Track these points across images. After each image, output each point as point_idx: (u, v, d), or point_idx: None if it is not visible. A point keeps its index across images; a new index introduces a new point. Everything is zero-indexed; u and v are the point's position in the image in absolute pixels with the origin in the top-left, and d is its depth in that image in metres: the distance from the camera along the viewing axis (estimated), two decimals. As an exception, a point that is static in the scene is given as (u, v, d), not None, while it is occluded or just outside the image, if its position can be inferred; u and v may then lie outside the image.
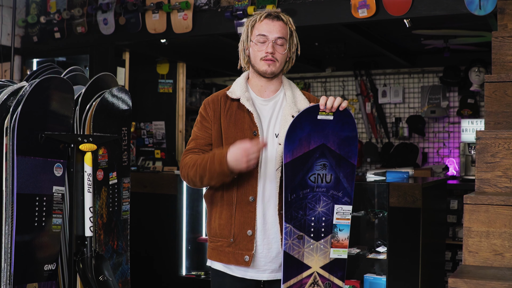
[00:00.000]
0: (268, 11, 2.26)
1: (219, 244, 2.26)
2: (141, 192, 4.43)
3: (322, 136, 2.13)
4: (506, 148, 2.45)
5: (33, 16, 4.95)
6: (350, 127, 2.14)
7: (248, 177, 2.20)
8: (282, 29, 2.24)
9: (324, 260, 2.16)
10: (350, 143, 2.15)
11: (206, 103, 2.31)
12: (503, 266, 2.23)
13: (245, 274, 2.24)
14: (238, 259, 2.21)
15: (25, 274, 2.39)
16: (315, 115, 2.12)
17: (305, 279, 2.14)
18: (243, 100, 2.24)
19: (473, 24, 4.59)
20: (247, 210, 2.20)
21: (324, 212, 2.16)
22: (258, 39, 2.24)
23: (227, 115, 2.26)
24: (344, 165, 2.15)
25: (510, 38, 2.88)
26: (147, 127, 6.11)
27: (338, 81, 6.76)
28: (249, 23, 2.28)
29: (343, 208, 2.18)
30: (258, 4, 4.08)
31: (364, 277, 3.65)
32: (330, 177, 2.15)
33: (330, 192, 2.16)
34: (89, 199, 2.60)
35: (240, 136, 2.20)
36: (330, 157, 2.14)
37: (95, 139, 2.63)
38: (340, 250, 2.18)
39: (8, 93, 2.49)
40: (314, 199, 2.14)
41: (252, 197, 2.20)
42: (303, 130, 2.11)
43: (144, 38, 4.62)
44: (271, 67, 2.24)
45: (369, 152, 6.43)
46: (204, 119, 2.29)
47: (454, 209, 5.51)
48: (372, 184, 3.85)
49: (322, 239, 2.16)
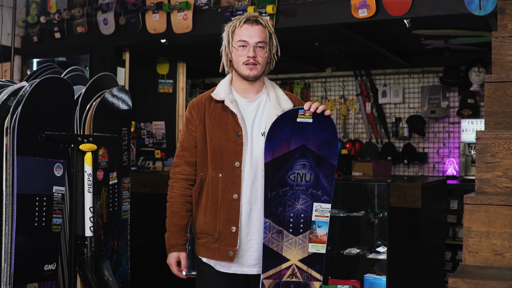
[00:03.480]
0: (247, 16, 2.38)
1: (205, 240, 2.37)
2: (141, 192, 4.43)
3: (302, 137, 2.26)
4: (506, 148, 2.45)
5: (33, 16, 4.94)
6: (329, 129, 2.28)
7: (232, 176, 2.32)
8: (261, 33, 2.35)
9: (303, 254, 2.29)
10: (330, 144, 2.28)
11: (191, 106, 2.43)
12: (503, 266, 2.24)
13: (229, 269, 2.36)
14: (223, 255, 2.32)
15: (25, 274, 2.39)
16: (294, 118, 2.26)
17: (284, 270, 2.28)
18: (227, 102, 2.35)
19: (473, 24, 4.59)
20: (232, 208, 2.31)
21: (303, 209, 2.28)
22: (239, 44, 2.35)
23: (211, 116, 2.36)
24: (324, 165, 2.27)
25: (510, 38, 2.88)
26: (147, 127, 6.11)
27: (338, 81, 6.76)
28: (229, 29, 2.39)
29: (322, 206, 2.29)
30: (258, 4, 4.08)
31: (364, 277, 3.65)
32: (309, 176, 2.27)
33: (309, 190, 2.28)
34: (89, 199, 2.60)
35: (224, 137, 2.33)
36: (310, 158, 2.27)
37: (95, 139, 2.63)
38: (319, 245, 2.29)
39: (8, 93, 2.49)
40: (293, 196, 2.27)
41: (236, 195, 2.31)
42: (283, 132, 2.25)
43: (144, 38, 4.62)
44: (253, 71, 2.35)
45: (369, 152, 6.43)
46: (189, 122, 2.41)
47: (454, 209, 5.51)
48: (372, 184, 3.85)
49: (300, 235, 2.28)
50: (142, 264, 4.40)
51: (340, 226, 3.93)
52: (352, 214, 3.78)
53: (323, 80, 6.82)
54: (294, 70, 6.79)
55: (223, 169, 2.32)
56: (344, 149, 6.48)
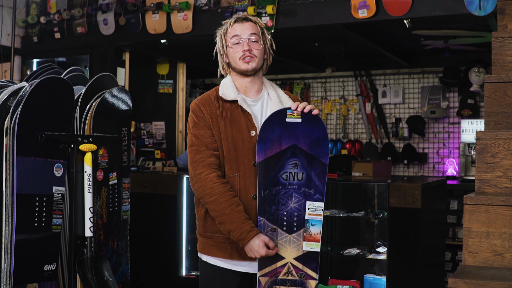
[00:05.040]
0: (235, 17, 2.40)
1: (218, 240, 2.32)
2: (141, 192, 4.43)
3: (293, 137, 2.29)
4: (506, 148, 2.45)
5: (33, 17, 4.95)
6: (319, 129, 2.30)
7: (250, 175, 2.30)
8: (253, 28, 2.36)
9: (297, 252, 2.30)
10: (321, 143, 2.30)
11: (201, 104, 2.35)
12: (503, 267, 2.24)
13: (239, 268, 2.33)
14: (242, 254, 2.27)
15: (25, 274, 2.39)
16: (283, 118, 2.29)
17: (279, 268, 2.28)
18: (241, 102, 2.34)
19: (473, 24, 4.59)
20: (251, 208, 2.29)
21: (296, 207, 2.30)
22: (232, 41, 2.35)
23: (222, 116, 2.34)
24: (316, 164, 2.29)
25: (510, 38, 2.88)
26: (147, 127, 6.12)
27: (338, 82, 6.76)
28: (221, 32, 2.41)
29: (314, 205, 2.30)
30: (258, 5, 4.08)
31: (364, 277, 3.65)
32: (301, 175, 2.29)
33: (302, 189, 2.30)
34: (89, 199, 2.61)
35: (239, 137, 2.31)
36: (302, 157, 2.29)
37: (95, 140, 2.63)
38: (313, 243, 2.30)
39: (8, 93, 2.49)
40: (286, 195, 2.29)
41: (255, 194, 2.29)
42: (274, 132, 2.28)
43: (144, 39, 4.62)
44: (251, 63, 2.34)
45: (369, 152, 6.42)
46: (201, 119, 2.33)
47: (454, 209, 5.51)
48: (372, 184, 3.85)
49: (294, 233, 2.29)
50: (142, 264, 4.40)
51: (340, 226, 3.93)
52: (352, 214, 3.78)
53: (323, 80, 6.82)
54: (294, 70, 6.79)
55: (240, 168, 2.30)
56: (344, 149, 6.49)
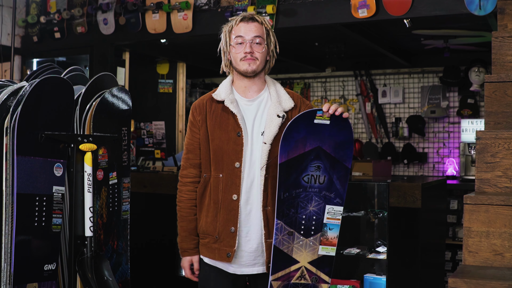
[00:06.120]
0: (243, 15, 2.38)
1: (206, 240, 2.39)
2: (141, 192, 4.43)
3: (318, 139, 2.23)
4: (506, 148, 2.45)
5: (33, 16, 4.94)
6: (346, 132, 2.24)
7: (232, 176, 2.32)
8: (258, 29, 2.35)
9: (312, 256, 2.27)
10: (345, 147, 2.25)
11: (193, 108, 2.44)
12: (503, 266, 2.24)
13: (228, 269, 2.37)
14: (222, 255, 2.34)
15: (25, 274, 2.39)
16: (312, 119, 2.22)
17: (293, 272, 2.26)
18: (227, 102, 2.35)
19: (473, 24, 4.59)
20: (231, 208, 2.32)
21: (315, 211, 2.26)
22: (236, 41, 2.35)
23: (212, 117, 2.37)
24: (338, 167, 2.25)
25: (510, 38, 2.88)
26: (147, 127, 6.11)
27: (338, 81, 6.76)
28: (226, 29, 2.41)
29: (334, 209, 2.27)
30: (258, 4, 4.08)
31: (364, 277, 3.65)
32: (323, 178, 2.25)
33: (322, 192, 2.26)
34: (89, 199, 2.60)
35: (225, 138, 2.33)
36: (325, 160, 2.24)
37: (95, 139, 2.63)
38: (329, 247, 2.28)
39: (8, 93, 2.49)
40: (306, 198, 2.25)
41: (235, 195, 2.31)
42: (299, 133, 2.22)
43: (144, 38, 4.62)
44: (252, 65, 2.34)
45: (369, 152, 6.43)
46: (192, 124, 2.43)
47: (454, 209, 5.51)
48: (372, 184, 3.85)
49: (311, 237, 2.26)
50: (142, 264, 4.40)
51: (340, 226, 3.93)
52: (352, 214, 3.78)
53: (323, 80, 6.82)
54: (294, 70, 6.79)
55: (224, 169, 2.33)
56: (344, 149, 6.47)
